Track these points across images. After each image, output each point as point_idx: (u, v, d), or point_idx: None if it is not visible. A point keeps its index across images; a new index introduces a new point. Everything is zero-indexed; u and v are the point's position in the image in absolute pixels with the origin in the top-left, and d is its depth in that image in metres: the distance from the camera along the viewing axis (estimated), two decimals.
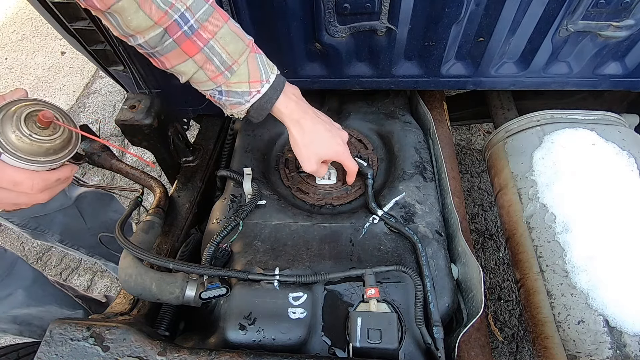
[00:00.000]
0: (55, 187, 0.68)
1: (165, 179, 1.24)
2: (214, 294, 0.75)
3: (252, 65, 0.70)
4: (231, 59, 0.67)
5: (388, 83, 1.11)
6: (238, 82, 0.70)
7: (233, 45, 0.66)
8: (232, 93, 0.71)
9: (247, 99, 0.72)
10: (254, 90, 0.71)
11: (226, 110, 0.77)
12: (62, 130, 0.64)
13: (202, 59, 0.66)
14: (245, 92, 0.71)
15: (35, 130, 0.60)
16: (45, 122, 0.60)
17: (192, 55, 0.65)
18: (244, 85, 0.70)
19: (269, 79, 0.72)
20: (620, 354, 0.76)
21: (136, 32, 0.62)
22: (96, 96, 2.80)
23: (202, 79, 0.69)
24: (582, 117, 1.08)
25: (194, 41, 0.63)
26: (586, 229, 0.87)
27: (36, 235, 1.30)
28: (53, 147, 0.63)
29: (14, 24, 3.42)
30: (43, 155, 0.62)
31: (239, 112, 0.75)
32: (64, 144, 0.65)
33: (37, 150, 0.61)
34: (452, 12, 0.89)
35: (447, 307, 0.81)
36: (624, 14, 0.89)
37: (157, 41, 0.63)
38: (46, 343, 0.65)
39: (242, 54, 0.68)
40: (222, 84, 0.70)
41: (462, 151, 2.21)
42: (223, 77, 0.68)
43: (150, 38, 0.62)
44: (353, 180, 0.97)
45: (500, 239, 1.88)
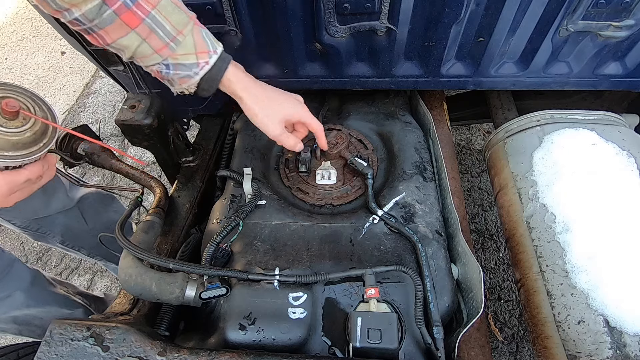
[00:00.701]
0: (26, 188, 0.63)
1: (165, 179, 1.24)
2: (214, 294, 0.75)
3: (197, 37, 0.68)
4: (175, 29, 0.65)
5: (388, 83, 1.11)
6: (185, 53, 0.67)
7: (176, 16, 0.64)
8: (179, 66, 0.68)
9: (196, 70, 0.69)
10: (202, 62, 0.69)
11: (175, 87, 0.74)
12: (33, 121, 0.57)
13: (145, 30, 0.63)
14: (193, 64, 0.68)
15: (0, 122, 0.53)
16: (10, 113, 0.53)
17: (134, 27, 0.62)
18: (191, 56, 0.68)
19: (216, 50, 0.70)
20: (620, 354, 0.76)
21: (72, 5, 0.58)
22: (96, 96, 2.80)
23: (146, 52, 0.65)
24: (582, 117, 1.08)
25: (135, 12, 0.60)
26: (586, 229, 0.87)
27: (37, 237, 1.30)
28: (21, 141, 0.55)
29: (14, 24, 3.42)
30: (10, 150, 0.55)
31: (189, 86, 0.72)
32: (36, 137, 0.58)
33: (3, 144, 0.54)
34: (452, 12, 0.89)
35: (447, 307, 0.81)
36: (624, 14, 0.89)
37: (95, 13, 0.59)
38: (46, 343, 0.65)
39: (185, 25, 0.66)
40: (169, 56, 0.67)
41: (462, 151, 2.21)
42: (169, 48, 0.66)
43: (88, 10, 0.59)
44: (325, 143, 0.92)
45: (500, 239, 1.88)
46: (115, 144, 2.46)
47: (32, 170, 0.62)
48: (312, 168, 1.05)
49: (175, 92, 0.75)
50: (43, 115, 0.60)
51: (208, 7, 0.92)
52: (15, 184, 0.59)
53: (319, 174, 1.04)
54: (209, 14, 0.94)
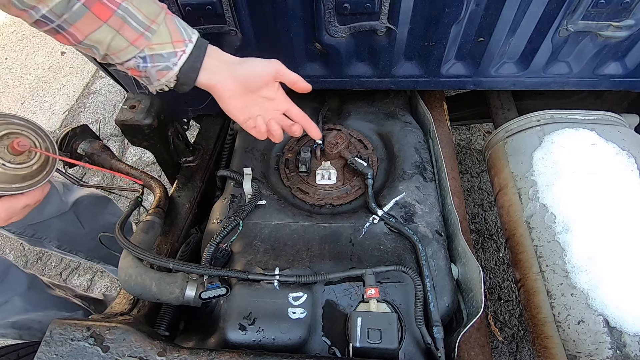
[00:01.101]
0: (23, 213, 0.63)
1: (165, 179, 1.24)
2: (214, 294, 0.75)
3: (171, 26, 0.66)
4: (148, 19, 0.63)
5: (388, 83, 1.11)
6: (161, 42, 0.65)
7: (147, 6, 0.63)
8: (156, 57, 0.66)
9: (174, 61, 0.67)
10: (179, 50, 0.67)
11: (154, 84, 0.71)
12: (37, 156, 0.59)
13: (118, 22, 0.61)
14: (171, 54, 0.66)
15: (8, 158, 0.55)
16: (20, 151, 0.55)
17: (105, 19, 0.60)
18: (168, 45, 0.66)
19: (191, 38, 0.68)
20: (620, 354, 0.76)
21: (38, 2, 0.56)
22: (96, 96, 2.80)
23: (121, 45, 0.63)
24: (582, 117, 1.08)
25: (105, 3, 0.59)
26: (586, 229, 0.87)
27: (34, 242, 1.29)
28: (29, 174, 0.58)
29: (14, 24, 3.42)
30: (18, 182, 0.57)
31: (168, 80, 0.69)
32: (41, 168, 0.60)
33: (10, 178, 0.56)
34: (452, 12, 0.89)
35: (447, 307, 0.81)
36: (624, 14, 0.89)
37: (63, 7, 0.57)
38: (46, 343, 0.65)
39: (158, 15, 0.64)
40: (145, 47, 0.65)
41: (462, 151, 2.21)
42: (144, 37, 0.64)
43: (55, 5, 0.57)
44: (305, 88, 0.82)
45: (500, 239, 1.88)
46: (115, 144, 2.46)
47: (31, 196, 0.62)
48: (312, 168, 1.05)
49: (154, 90, 0.73)
50: (44, 144, 0.61)
51: (208, 7, 0.92)
52: (14, 210, 0.60)
53: (319, 174, 1.04)
54: (209, 14, 0.94)
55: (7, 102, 2.85)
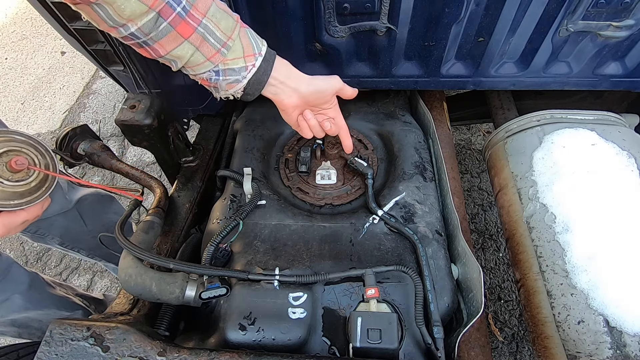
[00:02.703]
0: (21, 227, 0.63)
1: (165, 179, 1.24)
2: (214, 294, 0.75)
3: (244, 40, 0.69)
4: (225, 35, 0.66)
5: (388, 83, 1.11)
6: (234, 58, 0.69)
7: (224, 21, 0.66)
8: (229, 71, 0.70)
9: (244, 74, 0.71)
10: (250, 65, 0.70)
11: (221, 93, 0.75)
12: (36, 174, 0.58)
13: (198, 39, 0.65)
14: (242, 68, 0.70)
15: (6, 175, 0.54)
16: (18, 169, 0.55)
17: (187, 37, 0.64)
18: (240, 60, 0.70)
19: (261, 51, 0.72)
20: (620, 354, 0.76)
21: (129, 20, 0.60)
22: (96, 96, 2.80)
23: (199, 60, 0.67)
24: (582, 117, 1.08)
25: (188, 22, 0.62)
26: (586, 229, 0.87)
27: (36, 239, 1.30)
28: (28, 191, 0.57)
29: (14, 24, 3.42)
30: (16, 199, 0.56)
31: (236, 91, 0.73)
32: (40, 184, 0.59)
33: (8, 196, 0.55)
34: (452, 12, 0.89)
35: (447, 307, 0.81)
36: (624, 14, 0.89)
37: (151, 26, 0.61)
38: (46, 343, 0.65)
39: (233, 29, 0.67)
40: (220, 62, 0.69)
41: (462, 151, 2.21)
42: (220, 54, 0.67)
43: (144, 24, 0.60)
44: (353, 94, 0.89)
45: (500, 239, 1.88)
46: (115, 144, 2.46)
47: (30, 212, 0.62)
48: (312, 168, 1.05)
49: (219, 97, 0.76)
50: (44, 161, 0.61)
51: None
52: (13, 226, 0.60)
53: (319, 174, 1.04)
54: None
55: (7, 102, 2.86)
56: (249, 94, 0.75)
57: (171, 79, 1.12)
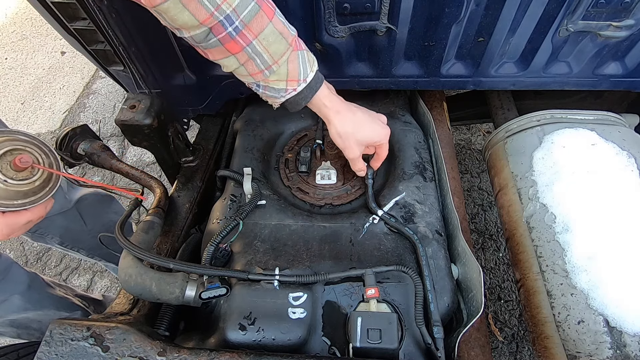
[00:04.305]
0: (25, 228, 0.64)
1: (165, 179, 1.24)
2: (214, 294, 0.75)
3: (291, 65, 0.72)
4: (272, 59, 0.69)
5: (388, 83, 1.11)
6: (276, 80, 0.72)
7: (275, 45, 0.68)
8: (269, 88, 0.74)
9: (283, 94, 0.74)
10: (291, 88, 0.74)
11: (262, 97, 0.79)
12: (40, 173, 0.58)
13: (244, 57, 0.68)
14: (282, 89, 0.73)
15: (10, 174, 0.54)
16: (22, 168, 0.55)
17: (234, 53, 0.67)
18: (282, 83, 0.73)
19: (306, 78, 0.74)
20: (620, 354, 0.76)
21: (182, 28, 0.64)
22: (96, 96, 2.80)
23: (242, 73, 0.72)
24: (582, 117, 1.08)
25: (238, 41, 0.65)
26: (586, 229, 0.87)
27: (36, 238, 1.30)
28: (32, 190, 0.57)
29: (14, 24, 3.42)
30: (20, 199, 0.56)
31: (274, 103, 0.78)
32: (44, 183, 0.59)
33: (13, 195, 0.55)
34: (452, 12, 0.89)
35: (447, 307, 0.81)
36: (624, 14, 0.89)
37: (202, 38, 0.65)
38: (46, 343, 0.65)
39: (283, 54, 0.70)
40: (261, 80, 0.73)
41: (462, 151, 2.21)
42: (262, 75, 0.71)
43: (196, 35, 0.64)
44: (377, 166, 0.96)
45: (500, 239, 1.88)
46: (115, 144, 2.46)
47: (34, 212, 0.63)
48: (312, 168, 1.05)
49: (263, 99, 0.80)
50: (48, 160, 0.61)
51: None
52: (17, 226, 0.60)
53: (319, 174, 1.04)
54: None
55: (7, 102, 2.86)
56: (288, 108, 0.79)
57: (171, 79, 1.12)
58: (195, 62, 1.08)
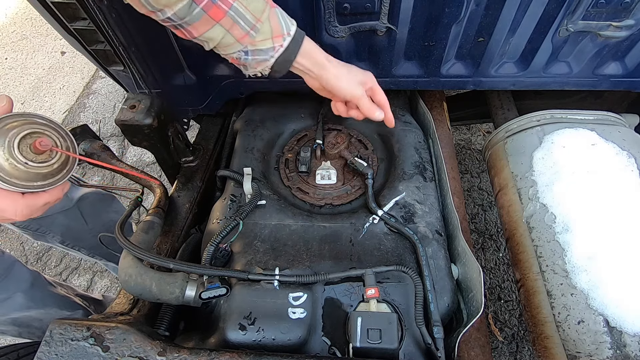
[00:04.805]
0: (42, 210, 0.65)
1: (165, 179, 1.24)
2: (214, 294, 0.75)
3: (273, 21, 0.72)
4: (254, 17, 0.69)
5: (388, 83, 1.11)
6: (263, 39, 0.72)
7: (254, 3, 0.69)
8: (257, 51, 0.74)
9: (272, 54, 0.74)
10: (277, 45, 0.74)
11: (249, 71, 0.79)
12: (58, 155, 0.60)
13: (229, 22, 0.68)
14: (270, 48, 0.73)
15: (30, 157, 0.56)
16: (42, 150, 0.56)
17: (218, 20, 0.67)
18: (268, 41, 0.73)
19: (289, 31, 0.74)
20: (620, 354, 0.76)
21: (165, 6, 0.64)
22: (96, 96, 2.80)
23: (229, 41, 0.71)
24: (582, 117, 1.08)
25: (220, 6, 0.66)
26: (586, 229, 0.87)
27: (37, 237, 1.30)
28: (50, 172, 0.59)
29: (14, 24, 3.42)
30: (39, 180, 0.57)
31: (264, 68, 0.77)
32: (62, 166, 0.61)
33: (32, 177, 0.56)
34: (452, 12, 0.89)
35: (447, 307, 0.81)
36: (624, 14, 0.89)
37: (185, 12, 0.65)
38: (46, 343, 0.65)
39: (263, 11, 0.70)
40: (249, 44, 0.72)
41: (462, 151, 2.21)
42: (249, 37, 0.71)
43: (179, 9, 0.64)
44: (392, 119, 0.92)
45: (500, 239, 1.88)
46: (115, 144, 2.46)
47: (52, 194, 0.64)
48: (312, 168, 1.05)
49: (248, 74, 0.80)
50: (65, 144, 0.62)
51: None
52: (35, 207, 0.62)
53: (319, 174, 1.04)
54: None
55: None
56: (277, 71, 0.78)
57: (171, 79, 1.12)
58: (195, 62, 1.08)
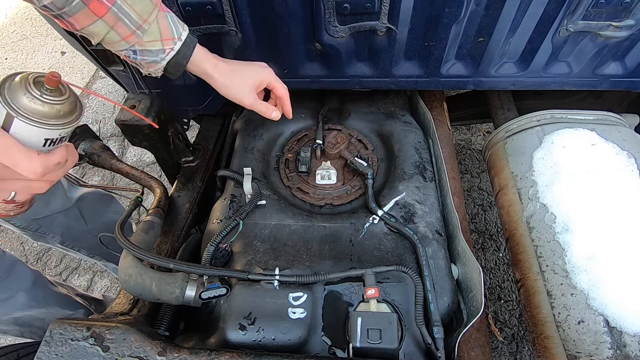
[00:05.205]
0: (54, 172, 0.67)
1: (165, 179, 1.24)
2: (214, 294, 0.75)
3: (162, 24, 0.71)
4: (141, 18, 0.68)
5: (388, 83, 1.11)
6: (151, 40, 0.71)
7: (140, 4, 0.67)
8: (146, 52, 0.73)
9: (162, 57, 0.74)
10: (168, 48, 0.73)
11: (144, 70, 0.78)
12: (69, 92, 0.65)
13: (112, 19, 0.66)
14: (159, 50, 0.73)
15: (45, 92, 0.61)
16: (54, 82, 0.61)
17: (101, 15, 0.65)
18: (157, 43, 0.72)
19: (180, 36, 0.74)
20: (620, 354, 0.76)
21: None
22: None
23: (114, 39, 0.70)
24: (582, 117, 1.08)
25: (102, 1, 0.64)
26: (586, 229, 0.87)
27: (37, 237, 1.30)
28: (63, 110, 0.63)
29: (14, 24, 3.42)
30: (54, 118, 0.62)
31: (156, 70, 0.77)
32: (72, 107, 0.65)
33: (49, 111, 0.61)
34: (452, 12, 0.89)
35: (447, 307, 0.81)
36: (624, 14, 0.89)
37: (63, 2, 0.63)
38: (46, 343, 0.65)
39: (150, 13, 0.69)
40: (136, 43, 0.71)
41: (462, 151, 2.21)
42: (135, 36, 0.70)
43: None
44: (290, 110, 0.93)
45: (500, 239, 1.88)
46: (115, 144, 2.46)
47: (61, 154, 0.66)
48: (312, 168, 1.05)
49: (145, 73, 0.79)
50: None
51: (208, 7, 0.92)
52: (49, 166, 0.63)
53: (319, 174, 1.04)
54: (209, 14, 0.94)
55: None
56: (171, 73, 0.78)
57: (171, 79, 1.12)
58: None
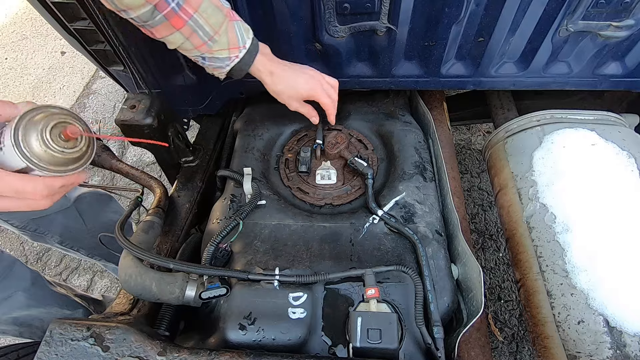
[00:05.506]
0: (59, 193, 0.67)
1: (165, 179, 1.24)
2: (214, 294, 0.75)
3: (231, 34, 0.79)
4: (213, 30, 0.76)
5: (388, 83, 1.11)
6: (219, 49, 0.80)
7: (214, 17, 0.75)
8: (214, 59, 0.81)
9: (227, 63, 0.82)
10: (233, 56, 0.81)
11: (208, 70, 0.86)
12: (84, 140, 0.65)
13: (188, 31, 0.74)
14: (225, 58, 0.81)
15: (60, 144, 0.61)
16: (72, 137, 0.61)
17: (179, 28, 0.74)
18: (225, 52, 0.80)
19: (245, 44, 0.82)
20: (620, 354, 0.76)
21: (128, 8, 0.69)
22: (96, 96, 2.80)
23: (188, 47, 0.78)
24: (582, 117, 1.08)
25: (181, 16, 0.72)
26: (586, 229, 0.87)
27: (36, 237, 1.30)
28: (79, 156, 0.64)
29: (14, 24, 3.42)
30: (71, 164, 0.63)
31: (220, 74, 0.85)
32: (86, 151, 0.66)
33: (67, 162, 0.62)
34: (452, 12, 0.89)
35: (447, 307, 0.81)
36: (624, 14, 0.89)
37: (148, 16, 0.70)
38: (46, 343, 0.65)
39: (221, 25, 0.77)
40: (206, 52, 0.80)
41: (462, 151, 2.21)
42: (206, 46, 0.78)
43: (142, 14, 0.70)
44: (334, 119, 1.01)
45: (500, 239, 1.88)
46: (115, 144, 2.46)
47: (68, 178, 0.68)
48: (312, 168, 1.05)
49: (209, 72, 0.88)
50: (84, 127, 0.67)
51: None
52: (53, 189, 0.65)
53: (319, 174, 1.04)
54: None
55: None
56: (233, 76, 0.86)
57: (171, 79, 1.12)
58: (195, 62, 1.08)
